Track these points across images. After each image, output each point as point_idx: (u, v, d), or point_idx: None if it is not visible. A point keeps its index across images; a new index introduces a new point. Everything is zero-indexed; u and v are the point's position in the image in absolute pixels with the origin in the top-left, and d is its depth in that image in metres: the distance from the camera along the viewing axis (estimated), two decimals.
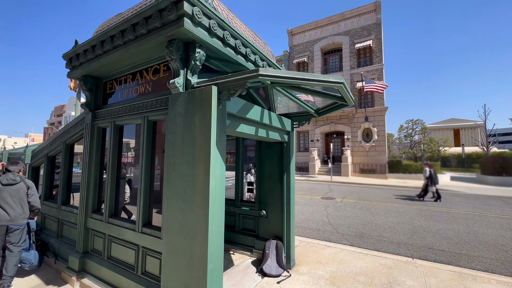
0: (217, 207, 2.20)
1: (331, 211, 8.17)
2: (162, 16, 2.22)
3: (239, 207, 4.53)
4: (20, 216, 3.22)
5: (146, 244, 2.72)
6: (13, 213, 3.15)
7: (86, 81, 3.44)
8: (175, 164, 2.35)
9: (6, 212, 3.12)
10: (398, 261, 4.14)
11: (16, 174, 3.32)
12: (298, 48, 24.69)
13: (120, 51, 2.68)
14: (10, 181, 3.22)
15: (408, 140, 27.23)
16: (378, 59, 20.53)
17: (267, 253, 3.74)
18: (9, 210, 3.13)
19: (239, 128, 2.75)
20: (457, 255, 4.62)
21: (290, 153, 3.95)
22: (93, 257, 3.27)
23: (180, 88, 2.35)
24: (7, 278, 3.06)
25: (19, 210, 3.21)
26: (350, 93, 2.80)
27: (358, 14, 21.37)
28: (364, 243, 5.22)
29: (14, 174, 3.30)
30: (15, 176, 3.28)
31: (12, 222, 3.15)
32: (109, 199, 3.20)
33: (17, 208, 3.20)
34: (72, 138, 4.06)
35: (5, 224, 3.10)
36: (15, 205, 3.19)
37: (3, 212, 3.10)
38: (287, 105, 4.06)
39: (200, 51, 2.36)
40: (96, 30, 3.46)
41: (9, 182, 3.20)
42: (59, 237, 4.09)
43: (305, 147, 24.02)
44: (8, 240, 3.16)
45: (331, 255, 4.35)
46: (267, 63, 3.30)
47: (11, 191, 3.19)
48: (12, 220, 3.14)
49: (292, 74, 2.14)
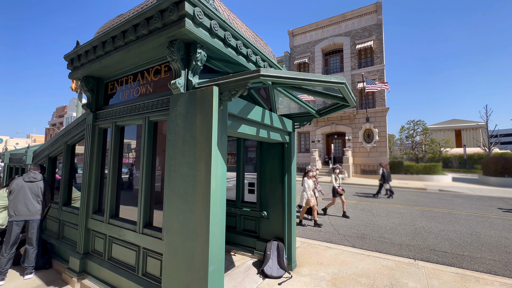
0: (218, 208, 2.19)
1: (332, 212, 8.14)
2: (163, 17, 2.22)
3: (240, 208, 4.52)
4: (38, 211, 3.58)
5: (147, 245, 2.71)
6: (33, 208, 3.53)
7: (88, 82, 3.45)
8: (176, 165, 2.34)
9: (27, 208, 3.50)
10: (400, 263, 4.11)
11: (36, 173, 3.73)
12: (299, 49, 24.70)
13: (121, 52, 2.68)
14: (31, 178, 3.61)
15: (410, 141, 27.15)
16: (379, 60, 20.50)
17: (268, 254, 3.72)
18: (29, 205, 3.52)
19: (240, 129, 2.74)
20: (460, 257, 4.59)
21: (291, 154, 3.94)
22: (94, 258, 3.26)
23: (181, 89, 2.34)
24: (29, 267, 3.49)
25: (38, 206, 3.59)
26: (352, 93, 2.79)
27: (359, 15, 21.36)
28: (366, 244, 5.19)
29: (35, 173, 3.71)
30: (36, 175, 3.69)
31: (32, 217, 3.52)
32: (110, 199, 3.20)
33: (36, 204, 3.57)
34: (73, 138, 4.07)
35: (24, 219, 3.48)
36: (34, 201, 3.57)
37: (24, 207, 3.48)
38: (288, 105, 4.05)
39: (201, 51, 2.36)
40: (98, 31, 3.46)
41: (30, 180, 3.59)
42: (60, 238, 4.09)
43: (306, 148, 23.98)
44: (26, 233, 3.52)
45: (332, 257, 4.32)
46: (268, 64, 3.29)
47: (32, 188, 3.58)
48: (31, 215, 3.52)
49: (293, 74, 2.13)
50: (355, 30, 21.63)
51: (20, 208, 3.45)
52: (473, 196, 11.64)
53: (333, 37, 22.60)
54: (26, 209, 3.47)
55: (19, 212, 3.44)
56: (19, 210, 3.44)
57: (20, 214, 3.44)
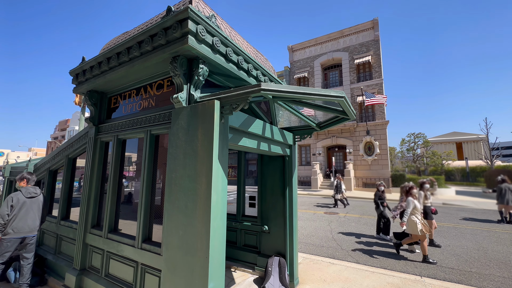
0: (218, 222, 2.16)
1: (334, 226, 7.98)
2: (167, 34, 2.30)
3: (241, 222, 4.44)
4: (36, 227, 3.50)
5: (146, 261, 2.65)
6: (32, 224, 3.43)
7: (91, 96, 3.51)
8: (176, 178, 2.33)
9: (27, 224, 3.38)
10: (406, 280, 3.97)
11: (37, 188, 3.62)
12: (298, 63, 25.26)
13: (126, 67, 2.75)
14: (32, 194, 3.51)
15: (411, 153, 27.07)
16: (378, 74, 20.89)
17: (269, 270, 3.62)
18: (30, 222, 3.41)
19: (241, 142, 2.76)
20: (467, 273, 4.44)
21: (292, 167, 3.93)
22: (91, 275, 3.17)
23: (183, 103, 2.38)
24: (24, 284, 3.34)
25: (37, 222, 3.51)
26: (351, 106, 2.83)
27: (357, 31, 22.02)
28: (370, 260, 5.05)
29: (34, 188, 3.59)
30: (36, 189, 3.59)
31: (31, 233, 3.42)
32: (109, 213, 3.16)
33: (37, 220, 3.50)
34: (75, 152, 4.08)
35: (23, 236, 3.35)
36: (36, 217, 3.49)
37: (24, 224, 3.35)
38: (289, 119, 4.09)
39: (203, 67, 2.42)
40: (103, 48, 3.57)
41: (31, 195, 3.49)
42: (57, 253, 4.00)
43: (307, 161, 23.90)
44: (23, 249, 3.40)
45: (336, 273, 4.19)
46: (269, 78, 3.36)
47: (32, 204, 3.48)
48: (30, 231, 3.42)
49: (293, 88, 2.17)
50: (353, 45, 22.20)
51: (20, 225, 3.31)
52: (477, 210, 11.43)
53: (332, 52, 23.17)
54: (26, 226, 3.36)
55: (18, 229, 3.28)
56: (18, 227, 3.29)
57: (19, 231, 3.29)
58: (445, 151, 29.28)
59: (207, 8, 2.89)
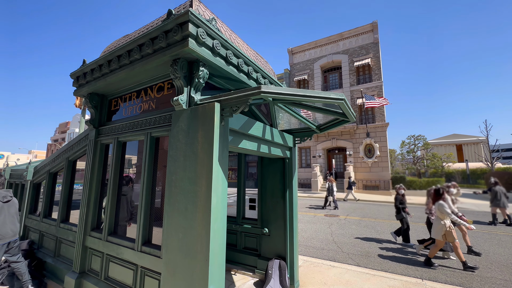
0: (218, 224, 2.15)
1: (335, 229, 7.96)
2: (168, 37, 2.31)
3: (241, 225, 4.43)
4: (17, 230, 3.44)
5: (145, 264, 2.63)
6: (15, 228, 3.38)
7: (92, 98, 3.52)
8: (176, 180, 2.33)
9: (11, 229, 3.33)
10: (407, 283, 3.95)
11: (9, 190, 3.52)
12: (298, 66, 25.35)
13: (126, 70, 2.76)
14: (8, 197, 3.41)
15: (411, 156, 27.07)
16: (377, 76, 20.95)
17: (269, 273, 3.60)
18: (12, 226, 3.36)
19: (241, 144, 2.76)
20: (469, 276, 4.41)
21: (292, 169, 3.92)
22: (90, 278, 3.16)
23: (183, 105, 2.39)
24: (27, 281, 3.37)
25: (17, 224, 3.44)
26: (351, 109, 2.83)
27: (356, 34, 22.13)
28: (371, 263, 5.02)
29: (7, 191, 3.48)
30: (8, 192, 3.47)
31: (15, 237, 3.38)
32: (109, 216, 3.15)
33: (17, 223, 3.44)
34: (75, 154, 4.08)
35: (8, 241, 3.30)
36: (15, 220, 3.42)
37: (7, 229, 3.29)
38: (289, 121, 4.09)
39: (203, 69, 2.43)
40: (104, 51, 3.59)
41: (7, 199, 3.39)
42: (56, 256, 3.98)
43: (307, 163, 23.88)
44: (9, 254, 3.35)
45: (336, 276, 4.17)
46: (269, 81, 3.37)
47: (9, 208, 3.38)
48: (14, 235, 3.37)
49: (293, 91, 2.18)
50: (352, 48, 22.30)
51: (4, 231, 3.24)
52: (478, 212, 11.40)
53: (331, 55, 23.27)
54: (10, 230, 3.29)
55: (3, 235, 3.22)
56: (3, 233, 3.22)
57: (4, 237, 3.23)
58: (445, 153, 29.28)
59: (207, 11, 2.91)
